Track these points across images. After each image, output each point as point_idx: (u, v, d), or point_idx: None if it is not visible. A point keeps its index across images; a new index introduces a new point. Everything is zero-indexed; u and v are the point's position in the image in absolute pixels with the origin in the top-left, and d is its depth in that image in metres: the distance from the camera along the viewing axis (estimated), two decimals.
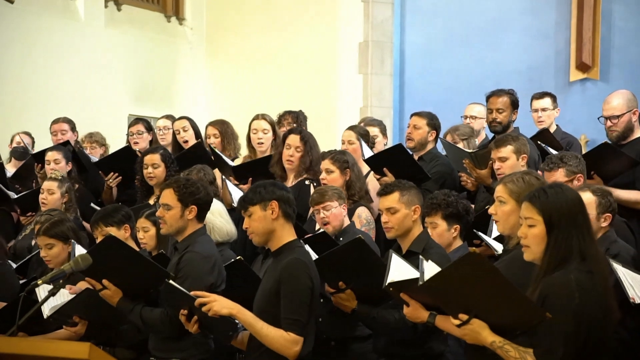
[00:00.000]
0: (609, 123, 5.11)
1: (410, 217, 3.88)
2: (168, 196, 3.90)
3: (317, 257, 3.86)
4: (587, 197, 4.12)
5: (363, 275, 3.77)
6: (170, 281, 3.60)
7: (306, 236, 4.29)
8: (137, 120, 6.83)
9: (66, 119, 6.78)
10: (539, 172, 4.48)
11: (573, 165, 4.49)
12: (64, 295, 3.93)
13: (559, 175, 4.49)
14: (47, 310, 3.91)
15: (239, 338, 3.56)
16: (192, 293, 3.48)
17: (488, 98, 5.71)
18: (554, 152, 5.41)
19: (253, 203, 3.50)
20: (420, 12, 9.29)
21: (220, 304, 3.40)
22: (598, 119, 5.23)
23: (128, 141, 6.61)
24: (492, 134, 5.72)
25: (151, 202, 5.48)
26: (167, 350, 3.84)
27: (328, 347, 4.16)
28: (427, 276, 3.06)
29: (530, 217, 2.89)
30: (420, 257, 3.46)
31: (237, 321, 3.47)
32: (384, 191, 3.97)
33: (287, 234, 3.52)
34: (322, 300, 3.95)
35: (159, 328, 3.82)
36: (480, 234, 4.28)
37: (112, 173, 6.03)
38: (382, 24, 9.26)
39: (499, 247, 3.96)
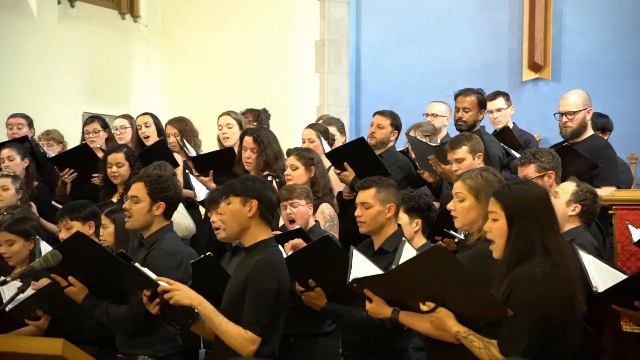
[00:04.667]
0: (564, 119, 5.24)
1: (384, 214, 3.91)
2: (138, 189, 3.88)
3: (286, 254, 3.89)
4: (569, 185, 4.26)
5: (332, 273, 3.78)
6: (136, 264, 3.59)
7: (282, 232, 4.31)
8: (93, 118, 6.76)
9: (24, 114, 6.72)
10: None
11: (545, 161, 4.59)
12: (27, 290, 3.90)
13: (530, 171, 4.59)
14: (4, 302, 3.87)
15: (199, 325, 3.53)
16: (156, 278, 3.47)
17: (456, 97, 5.80)
18: (514, 152, 5.55)
19: (236, 193, 3.47)
20: (375, 10, 9.37)
21: (182, 294, 3.38)
22: (554, 115, 5.35)
23: (84, 139, 6.56)
24: (455, 132, 5.81)
25: (114, 200, 5.47)
26: (134, 346, 3.83)
27: (287, 344, 4.18)
28: (403, 260, 3.12)
29: (494, 211, 2.97)
30: (403, 239, 3.51)
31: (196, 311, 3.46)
32: (362, 186, 4.00)
33: (262, 232, 3.49)
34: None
35: (124, 324, 3.80)
36: (451, 231, 4.35)
37: (67, 169, 5.99)
38: (337, 22, 9.31)
39: (461, 235, 4.05)
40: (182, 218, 5.01)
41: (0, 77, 8.34)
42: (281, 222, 4.86)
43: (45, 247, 4.17)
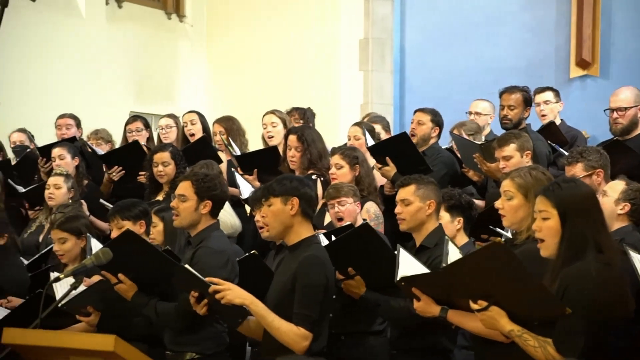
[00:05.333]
0: (614, 115, 5.16)
1: (424, 211, 3.90)
2: (185, 188, 3.92)
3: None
4: (618, 184, 4.20)
5: (372, 262, 3.83)
6: (186, 265, 3.63)
7: (329, 230, 4.33)
8: (135, 117, 6.88)
9: (72, 115, 6.86)
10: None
11: (593, 160, 4.52)
12: (79, 287, 3.96)
13: (578, 170, 4.53)
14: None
15: (244, 324, 3.59)
16: (207, 279, 3.51)
17: (501, 94, 5.75)
18: (561, 149, 5.48)
19: (275, 194, 3.52)
20: (419, 8, 9.33)
21: (234, 293, 3.44)
22: (604, 111, 5.28)
23: (126, 138, 6.66)
24: (499, 130, 5.77)
25: (159, 198, 5.53)
26: (182, 344, 3.87)
27: (338, 342, 4.20)
28: (451, 259, 3.10)
29: (544, 210, 2.95)
30: (446, 238, 3.51)
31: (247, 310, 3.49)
32: (402, 183, 4.01)
33: (304, 230, 3.54)
34: (334, 296, 4.00)
35: (173, 321, 3.85)
36: (497, 229, 4.32)
37: (115, 167, 6.08)
38: (382, 20, 9.29)
39: (509, 234, 4.03)
40: (228, 216, 5.05)
41: (49, 77, 8.50)
42: (327, 220, 4.89)
43: (95, 245, 4.24)
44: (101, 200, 5.69)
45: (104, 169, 6.19)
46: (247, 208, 5.64)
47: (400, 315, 3.75)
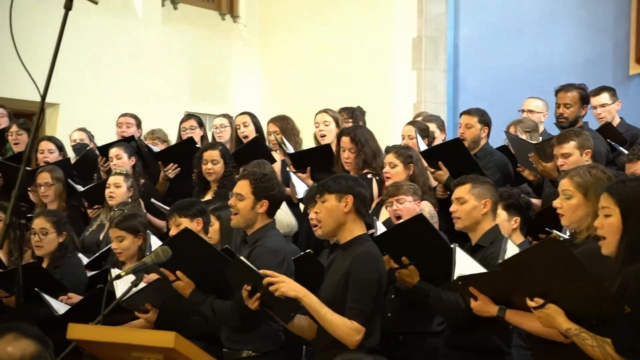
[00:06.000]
0: None
1: (480, 209, 3.86)
2: (243, 187, 3.95)
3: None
4: None
5: (425, 253, 3.84)
6: (241, 257, 3.66)
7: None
8: (190, 115, 7.00)
9: (133, 115, 7.00)
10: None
11: None
12: (139, 285, 4.03)
13: (639, 167, 4.48)
14: (119, 296, 4.01)
15: (296, 322, 3.61)
16: (261, 271, 3.54)
17: (557, 92, 5.68)
18: (621, 148, 5.38)
19: (330, 191, 3.55)
20: (473, 6, 9.25)
21: (288, 286, 3.46)
22: None
23: (180, 136, 6.75)
24: (553, 129, 5.69)
25: (208, 197, 5.57)
26: (239, 342, 3.91)
27: (396, 342, 4.20)
28: (508, 256, 3.08)
29: (607, 206, 2.90)
30: (505, 236, 3.48)
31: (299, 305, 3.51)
32: (458, 182, 3.99)
33: (357, 228, 3.56)
34: (392, 296, 4.00)
35: (229, 319, 3.88)
36: (554, 231, 4.25)
37: (171, 164, 6.16)
38: (435, 19, 9.23)
39: (566, 235, 3.97)
40: (284, 215, 5.06)
41: (106, 78, 8.65)
42: (382, 218, 4.87)
43: (155, 242, 4.30)
44: (152, 200, 5.75)
45: (160, 167, 6.27)
46: (302, 207, 5.66)
47: (449, 307, 3.75)
